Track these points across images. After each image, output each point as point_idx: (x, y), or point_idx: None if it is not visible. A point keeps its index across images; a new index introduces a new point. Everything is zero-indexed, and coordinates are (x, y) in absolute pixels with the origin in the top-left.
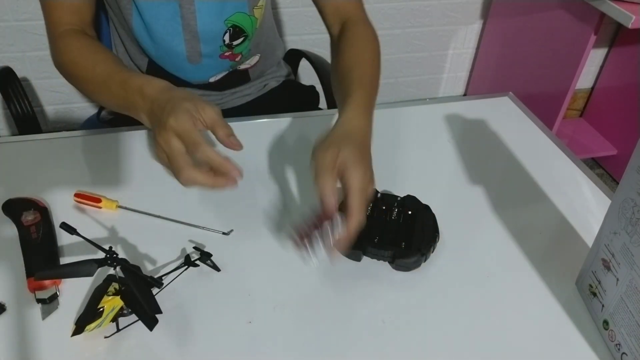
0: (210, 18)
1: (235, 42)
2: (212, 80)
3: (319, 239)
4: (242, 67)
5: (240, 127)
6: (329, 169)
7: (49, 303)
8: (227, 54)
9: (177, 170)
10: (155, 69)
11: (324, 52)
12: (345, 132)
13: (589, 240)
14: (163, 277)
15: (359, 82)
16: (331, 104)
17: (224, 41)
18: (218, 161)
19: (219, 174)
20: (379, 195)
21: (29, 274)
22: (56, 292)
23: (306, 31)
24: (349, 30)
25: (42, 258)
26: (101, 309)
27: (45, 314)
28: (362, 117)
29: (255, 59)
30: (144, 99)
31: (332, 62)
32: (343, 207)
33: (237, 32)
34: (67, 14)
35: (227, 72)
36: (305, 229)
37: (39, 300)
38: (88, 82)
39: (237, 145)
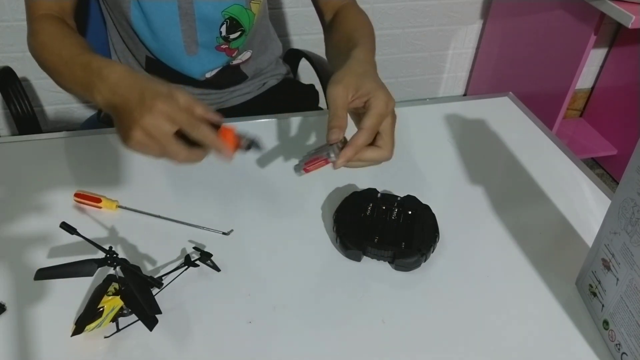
0: (208, 7)
1: (232, 36)
2: (208, 75)
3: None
4: (234, 62)
5: (240, 127)
6: (344, 105)
7: None
8: (223, 46)
9: (174, 152)
10: (154, 64)
11: (324, 52)
12: (363, 69)
13: (589, 240)
14: (163, 277)
15: (364, 39)
16: None
17: (220, 32)
18: (212, 139)
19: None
20: (379, 195)
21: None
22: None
23: (306, 31)
24: (344, 11)
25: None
26: (101, 309)
27: None
28: (373, 59)
29: (247, 54)
30: (102, 80)
31: (328, 39)
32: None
33: (234, 25)
34: (47, 1)
35: (221, 67)
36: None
37: None
38: (53, 64)
39: (218, 118)
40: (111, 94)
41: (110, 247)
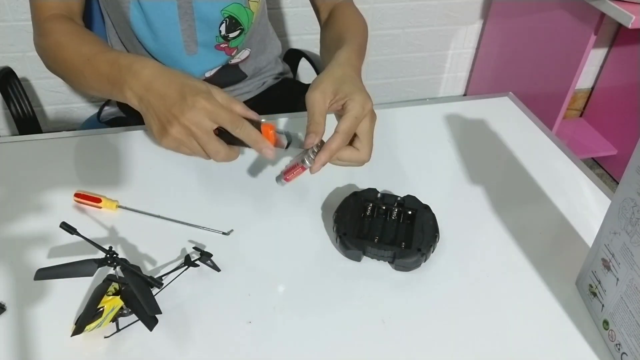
0: (207, 6)
1: (231, 35)
2: (207, 75)
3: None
4: (233, 61)
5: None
6: (322, 111)
7: None
8: (222, 45)
9: (214, 150)
10: None
11: None
12: (342, 72)
13: (589, 240)
14: (163, 277)
15: (351, 39)
16: None
17: (220, 31)
18: (255, 137)
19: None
20: (379, 195)
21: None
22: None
23: (306, 31)
24: (339, 9)
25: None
26: (101, 309)
27: None
28: (356, 60)
29: (245, 53)
30: (133, 76)
31: (321, 38)
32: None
33: (233, 24)
34: (55, 0)
35: (220, 66)
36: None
37: None
38: (72, 63)
39: (255, 116)
40: (144, 90)
41: (110, 247)
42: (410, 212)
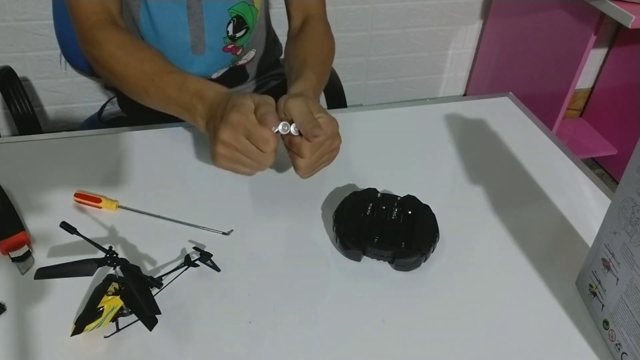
0: (216, 6)
1: (238, 34)
2: (214, 76)
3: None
4: (240, 62)
5: None
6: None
7: (24, 260)
8: (230, 46)
9: (264, 139)
10: None
11: None
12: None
13: (589, 240)
14: (163, 277)
15: (312, 68)
16: (330, 102)
17: (227, 32)
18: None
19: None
20: (379, 195)
21: None
22: (29, 250)
23: None
24: (309, 25)
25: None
26: (101, 309)
27: (24, 270)
28: (310, 93)
29: (251, 53)
30: (203, 103)
31: (287, 48)
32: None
33: (240, 23)
34: (95, 3)
35: (227, 68)
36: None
37: (14, 259)
38: (133, 80)
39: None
40: (211, 113)
41: (110, 247)
42: (410, 212)
